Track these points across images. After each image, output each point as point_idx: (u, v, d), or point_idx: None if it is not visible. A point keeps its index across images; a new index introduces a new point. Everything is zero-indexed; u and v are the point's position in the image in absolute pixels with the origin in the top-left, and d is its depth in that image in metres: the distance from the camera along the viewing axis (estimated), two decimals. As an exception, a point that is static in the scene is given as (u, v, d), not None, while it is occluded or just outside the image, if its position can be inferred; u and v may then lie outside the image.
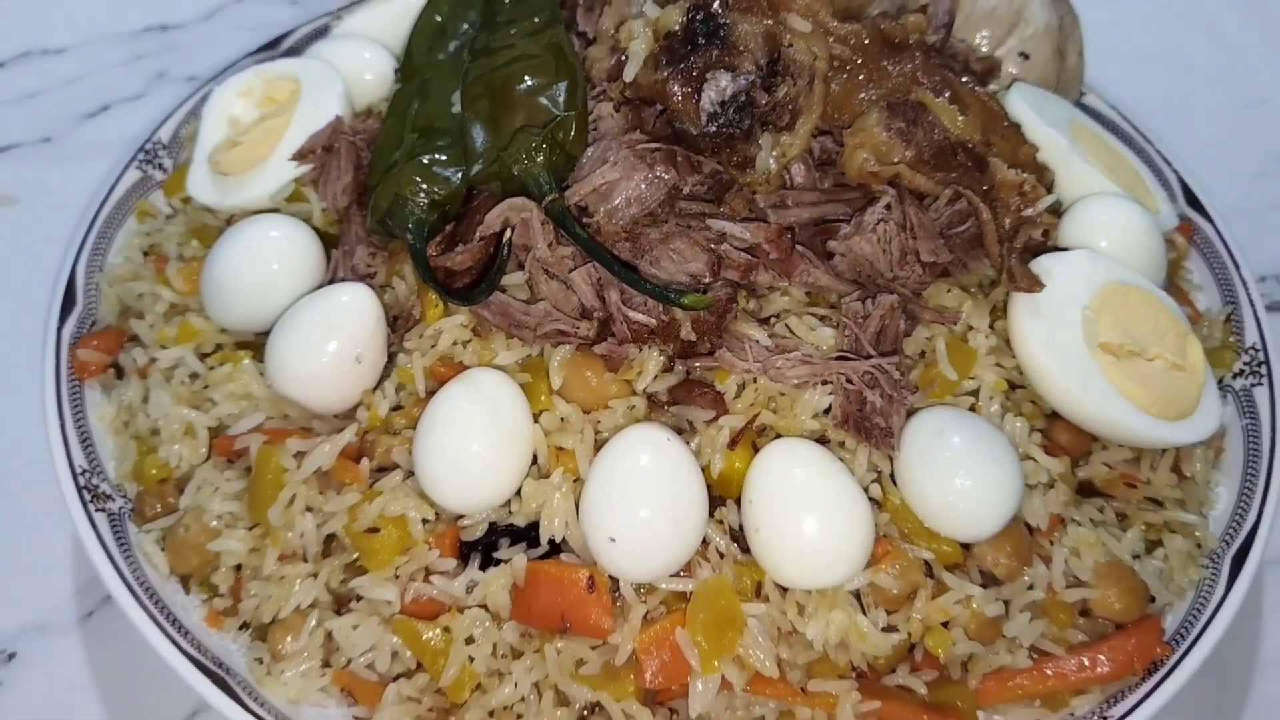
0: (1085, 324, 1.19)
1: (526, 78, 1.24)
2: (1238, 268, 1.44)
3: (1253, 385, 1.33)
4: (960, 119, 1.18)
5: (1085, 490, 1.26)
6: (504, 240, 1.16)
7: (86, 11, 2.10)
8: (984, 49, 1.46)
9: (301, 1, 2.13)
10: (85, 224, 1.41)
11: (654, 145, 1.18)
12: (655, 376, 1.16)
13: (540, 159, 1.15)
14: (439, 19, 1.41)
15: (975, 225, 1.19)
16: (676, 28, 1.17)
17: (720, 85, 1.14)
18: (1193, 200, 1.53)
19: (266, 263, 1.25)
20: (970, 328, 1.23)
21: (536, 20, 1.32)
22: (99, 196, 1.44)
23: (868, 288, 1.18)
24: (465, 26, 1.39)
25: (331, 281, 1.26)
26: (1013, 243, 1.18)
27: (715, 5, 1.17)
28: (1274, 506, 1.23)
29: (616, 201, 1.16)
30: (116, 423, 1.28)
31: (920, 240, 1.15)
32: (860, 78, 1.23)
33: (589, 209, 1.16)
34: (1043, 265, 1.22)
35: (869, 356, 1.13)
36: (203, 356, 1.29)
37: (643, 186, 1.16)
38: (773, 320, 1.21)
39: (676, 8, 1.18)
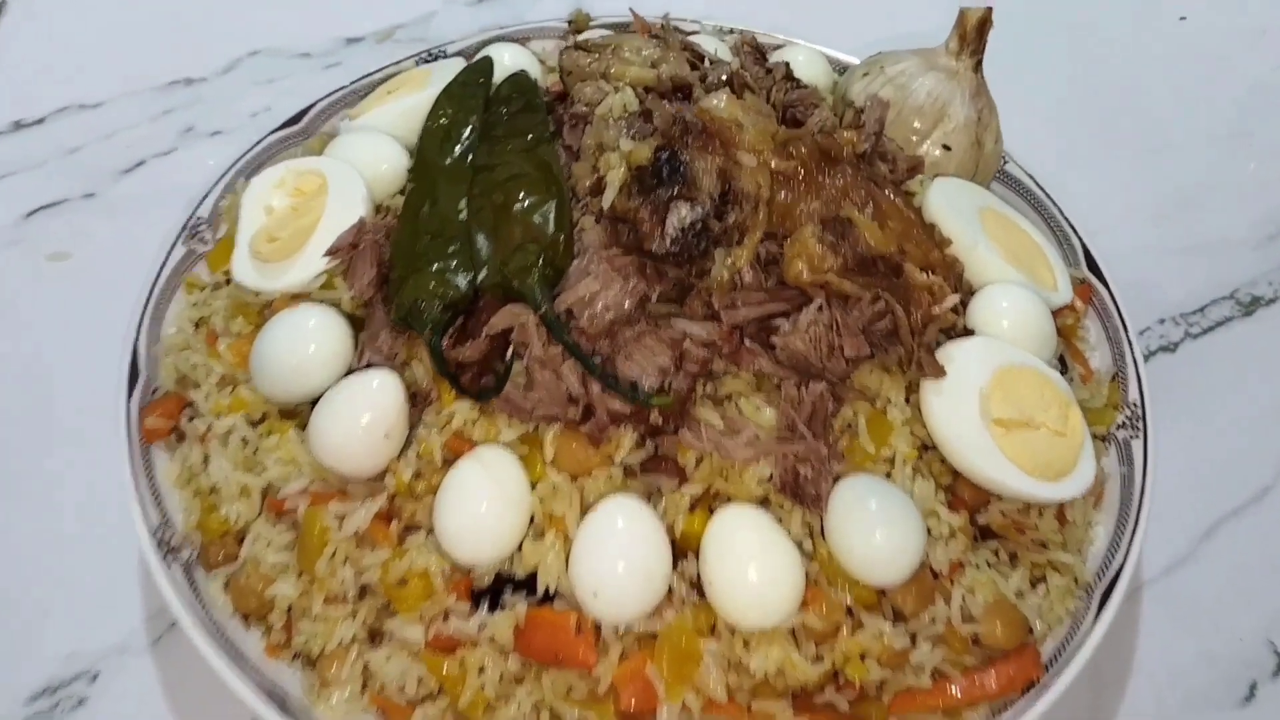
0: (981, 401, 1.36)
1: (522, 194, 1.40)
2: (1125, 328, 1.62)
3: (1131, 438, 1.51)
4: (880, 233, 1.37)
5: (985, 533, 1.41)
6: (511, 349, 1.34)
7: (118, 66, 2.23)
8: (913, 139, 1.67)
9: (313, 55, 2.30)
10: (142, 301, 1.53)
11: (628, 258, 1.35)
12: (630, 451, 1.33)
13: (535, 276, 1.33)
14: (444, 122, 1.58)
15: (892, 321, 1.36)
16: (646, 162, 1.35)
17: (681, 214, 1.31)
18: (1092, 264, 1.71)
19: (305, 346, 1.40)
20: (889, 401, 1.39)
21: (529, 138, 1.49)
22: (151, 273, 1.56)
23: (802, 374, 1.36)
24: (467, 131, 1.55)
25: (360, 359, 1.41)
26: (923, 335, 1.37)
27: (677, 146, 1.35)
28: (1140, 548, 1.40)
29: (597, 308, 1.32)
30: (180, 479, 1.43)
31: (844, 338, 1.33)
32: (801, 190, 1.39)
33: (575, 314, 1.33)
34: (946, 353, 1.39)
35: (803, 437, 1.31)
36: (252, 423, 1.44)
37: (619, 296, 1.33)
38: (725, 401, 1.37)
39: (646, 144, 1.35)
